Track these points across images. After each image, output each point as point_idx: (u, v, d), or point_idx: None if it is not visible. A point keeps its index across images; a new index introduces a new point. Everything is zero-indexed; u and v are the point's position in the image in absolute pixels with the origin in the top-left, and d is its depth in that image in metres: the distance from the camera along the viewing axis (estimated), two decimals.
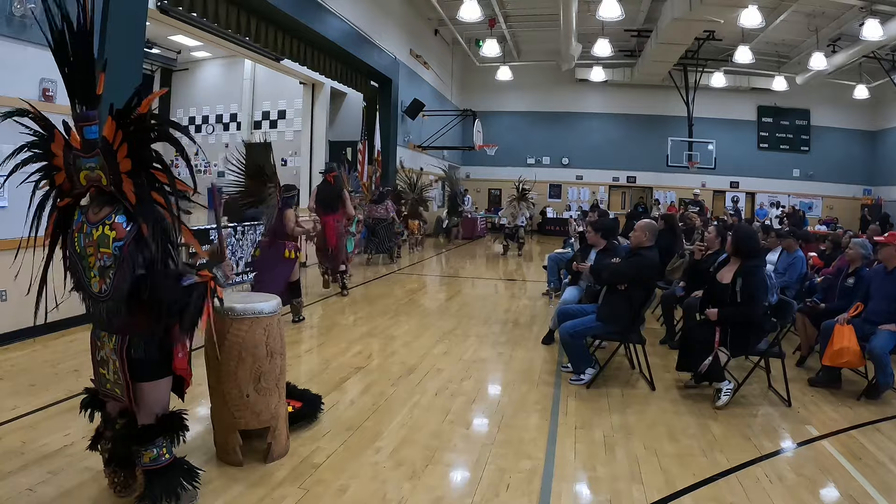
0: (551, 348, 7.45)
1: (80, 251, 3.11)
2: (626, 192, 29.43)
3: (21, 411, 4.86)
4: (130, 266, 3.00)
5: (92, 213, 3.10)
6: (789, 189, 27.71)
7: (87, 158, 3.05)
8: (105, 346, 3.22)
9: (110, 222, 3.02)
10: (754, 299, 5.46)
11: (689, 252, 8.95)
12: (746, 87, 26.62)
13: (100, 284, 3.07)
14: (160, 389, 3.31)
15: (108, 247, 3.00)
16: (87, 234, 3.08)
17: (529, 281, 13.40)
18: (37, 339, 6.74)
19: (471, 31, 24.20)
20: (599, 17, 17.98)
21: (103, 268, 3.04)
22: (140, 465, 3.26)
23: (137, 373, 3.19)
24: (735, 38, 21.60)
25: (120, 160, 2.99)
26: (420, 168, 21.33)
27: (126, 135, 2.97)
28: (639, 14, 21.66)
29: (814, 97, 26.58)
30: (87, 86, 3.04)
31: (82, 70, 3.03)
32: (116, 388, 3.25)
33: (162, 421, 3.31)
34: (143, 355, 3.17)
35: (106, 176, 3.03)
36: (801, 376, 6.59)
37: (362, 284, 12.11)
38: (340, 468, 4.11)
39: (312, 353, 7.13)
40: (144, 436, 3.24)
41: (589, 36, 22.34)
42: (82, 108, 3.04)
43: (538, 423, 5.08)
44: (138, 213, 3.02)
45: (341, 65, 16.14)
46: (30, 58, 6.87)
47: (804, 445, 4.82)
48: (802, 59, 22.89)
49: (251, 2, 11.42)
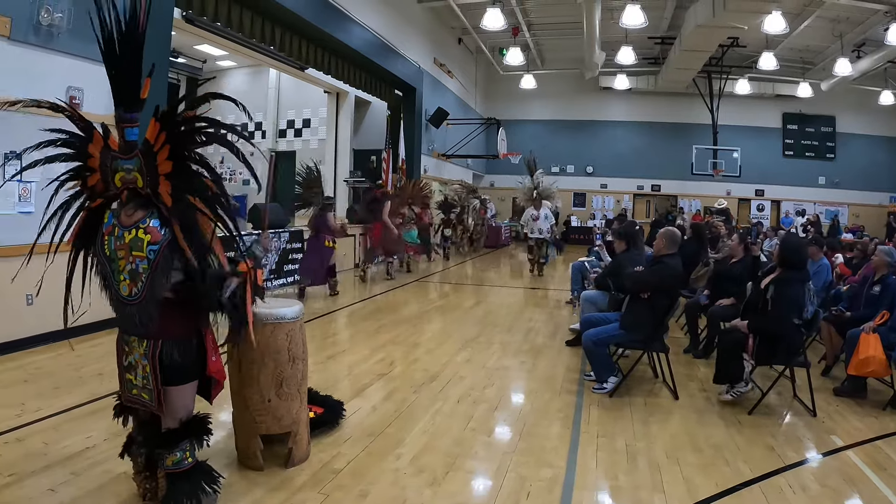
0: (575, 355, 7.42)
1: (111, 254, 3.08)
2: (650, 201, 29.30)
3: (44, 413, 4.92)
4: (166, 270, 3.01)
5: (125, 216, 3.08)
6: (815, 197, 27.41)
7: (126, 160, 3.05)
8: (134, 351, 3.19)
9: (144, 226, 3.02)
10: (777, 309, 5.41)
11: (714, 260, 8.92)
12: (771, 94, 26.40)
13: (130, 288, 3.04)
14: (186, 394, 3.32)
15: (142, 250, 3.00)
16: (118, 238, 3.06)
17: (553, 289, 13.35)
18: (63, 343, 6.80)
19: (494, 40, 24.23)
20: (623, 24, 17.96)
21: (134, 271, 3.01)
22: (162, 468, 3.26)
23: (168, 377, 3.18)
24: (759, 45, 21.44)
25: (160, 162, 3.01)
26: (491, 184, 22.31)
27: (169, 137, 2.99)
28: (662, 21, 21.57)
29: (839, 103, 26.30)
30: (134, 89, 3.05)
31: (130, 73, 3.04)
32: (144, 393, 3.21)
33: (186, 425, 3.31)
34: (175, 360, 3.16)
35: (143, 178, 3.04)
36: (827, 386, 6.51)
37: (388, 292, 12.14)
38: (361, 474, 4.11)
39: (335, 359, 7.14)
40: (169, 440, 3.24)
41: (612, 44, 22.29)
42: (125, 110, 3.05)
43: (560, 431, 5.05)
44: (172, 215, 3.02)
45: (365, 74, 16.20)
46: (57, 66, 6.99)
47: (829, 456, 4.76)
48: (827, 65, 22.70)
49: (276, 11, 11.50)
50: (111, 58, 3.03)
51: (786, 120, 27.67)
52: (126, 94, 3.05)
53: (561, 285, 13.74)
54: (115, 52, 3.01)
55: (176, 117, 3.01)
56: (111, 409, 3.59)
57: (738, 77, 24.94)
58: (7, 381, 5.78)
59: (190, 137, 3.05)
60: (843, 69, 20.87)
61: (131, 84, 3.05)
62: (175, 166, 3.02)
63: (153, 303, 3.01)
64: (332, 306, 10.24)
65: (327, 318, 9.25)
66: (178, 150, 3.02)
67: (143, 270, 3.00)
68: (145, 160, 3.02)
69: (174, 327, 3.15)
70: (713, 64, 23.87)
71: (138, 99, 3.07)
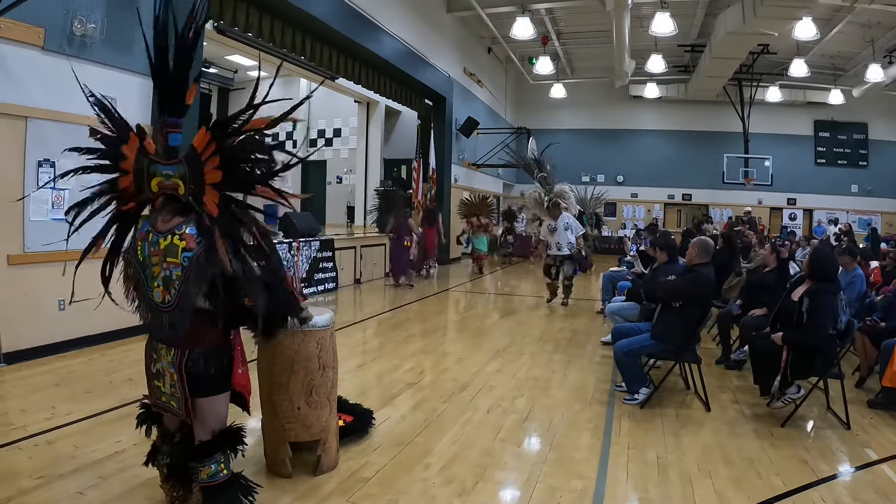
0: (605, 365, 7.38)
1: (144, 260, 3.05)
2: (681, 210, 29.06)
3: (75, 417, 5.00)
4: (199, 279, 2.96)
5: (161, 222, 3.04)
6: (847, 205, 26.95)
7: (166, 165, 3.01)
8: (162, 359, 3.15)
9: (181, 232, 2.97)
10: (816, 322, 5.32)
11: (746, 270, 8.83)
12: (802, 101, 26.05)
13: (163, 295, 3.00)
14: (218, 405, 3.26)
15: (177, 257, 2.96)
16: (152, 243, 3.02)
17: (584, 299, 13.28)
18: (94, 348, 6.89)
19: (524, 49, 24.27)
20: (652, 32, 17.84)
21: (168, 278, 2.98)
22: (198, 481, 3.21)
23: (195, 388, 3.13)
24: (790, 52, 21.26)
25: (207, 171, 2.96)
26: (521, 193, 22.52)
27: (220, 147, 2.95)
28: (692, 29, 21.45)
29: (871, 110, 25.92)
30: (181, 95, 3.06)
31: (179, 79, 3.05)
32: (172, 401, 3.17)
33: (219, 436, 3.25)
34: (202, 370, 3.11)
35: (185, 185, 2.99)
36: (861, 398, 6.38)
37: (417, 301, 12.16)
38: (389, 483, 4.11)
39: (364, 368, 7.16)
40: (202, 452, 3.19)
41: (642, 52, 22.17)
42: (170, 115, 3.05)
43: (590, 442, 5.02)
44: (215, 224, 2.97)
45: (396, 83, 16.31)
46: (90, 76, 7.05)
47: (863, 469, 4.66)
48: (859, 72, 22.39)
49: (306, 21, 11.61)
50: (161, 68, 3.05)
51: (817, 127, 27.27)
52: (172, 101, 3.06)
53: (592, 295, 13.69)
54: (166, 62, 3.03)
55: (229, 128, 2.98)
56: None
57: (769, 84, 24.68)
58: (39, 384, 5.87)
59: (244, 149, 3.01)
60: (874, 75, 20.64)
61: (179, 91, 3.05)
62: (225, 176, 2.98)
63: (186, 311, 2.97)
64: (361, 315, 10.27)
65: (357, 326, 9.28)
66: (229, 161, 2.98)
67: (176, 278, 2.97)
68: (190, 167, 2.98)
69: (203, 337, 3.12)
70: (743, 71, 23.64)
71: (184, 105, 3.08)
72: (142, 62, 7.59)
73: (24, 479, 3.90)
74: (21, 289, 6.51)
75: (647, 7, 18.13)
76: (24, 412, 5.09)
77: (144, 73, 7.64)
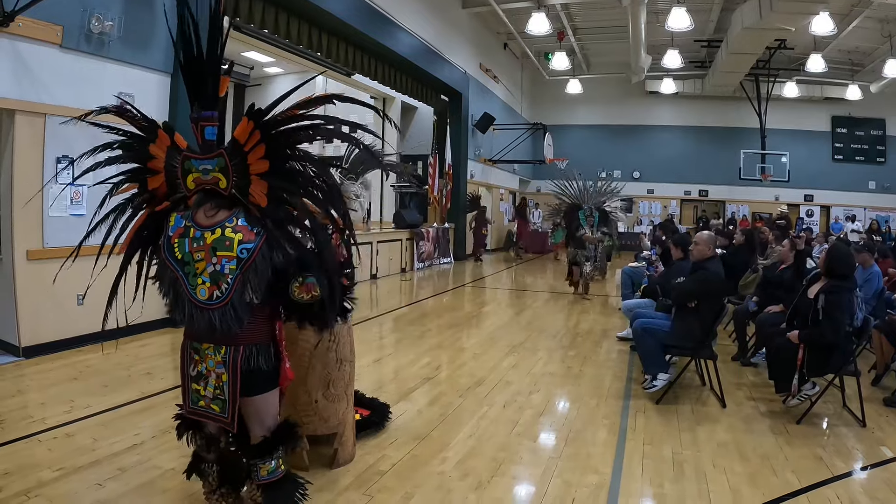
0: (622, 361, 7.41)
1: (183, 257, 2.88)
2: (697, 206, 28.92)
3: (94, 410, 5.07)
4: (261, 269, 2.87)
5: (204, 217, 2.91)
6: (865, 202, 26.70)
7: (203, 160, 2.93)
8: (207, 359, 2.98)
9: (231, 225, 2.87)
10: (832, 319, 5.30)
11: (763, 267, 8.79)
12: (819, 96, 25.86)
13: (210, 291, 2.84)
14: (271, 401, 3.17)
15: (232, 250, 2.84)
16: (194, 239, 2.87)
17: (600, 295, 13.26)
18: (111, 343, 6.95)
19: (540, 45, 24.21)
20: (668, 27, 17.81)
21: (218, 273, 2.84)
22: (257, 479, 3.10)
23: (250, 386, 3.01)
24: (807, 47, 21.09)
25: (252, 162, 2.89)
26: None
27: (264, 136, 2.87)
28: (708, 24, 21.31)
29: (889, 106, 25.65)
30: (214, 87, 2.98)
31: (211, 71, 2.96)
32: (214, 404, 3.00)
33: (276, 432, 3.20)
34: (259, 366, 3.00)
35: (228, 178, 2.91)
36: (877, 395, 6.33)
37: (434, 296, 12.20)
38: (406, 477, 4.14)
39: (381, 362, 7.21)
40: (262, 449, 3.11)
41: (658, 47, 22.13)
42: (204, 108, 2.97)
43: (606, 437, 5.03)
44: (266, 215, 2.91)
45: (412, 79, 16.35)
46: (108, 73, 7.18)
47: (878, 467, 4.64)
48: (876, 67, 22.20)
49: (322, 18, 11.64)
50: (192, 61, 2.97)
51: (835, 123, 27.06)
52: (205, 93, 2.97)
53: (609, 291, 13.68)
54: (194, 50, 2.95)
55: (273, 115, 2.90)
56: (160, 408, 3.64)
57: (786, 80, 24.54)
58: (57, 378, 5.96)
59: (292, 134, 2.93)
60: (892, 70, 20.40)
61: (212, 82, 2.97)
62: (273, 165, 2.90)
63: (241, 305, 2.87)
64: (378, 311, 10.31)
65: (375, 321, 9.32)
66: (276, 149, 2.91)
67: (229, 271, 2.84)
68: (231, 160, 2.90)
69: (257, 332, 3.03)
70: (760, 67, 23.47)
71: (217, 97, 2.99)
72: (160, 59, 7.75)
73: (43, 470, 3.97)
74: (40, 284, 6.56)
75: (663, 2, 18.10)
76: (44, 405, 5.17)
77: (162, 70, 7.73)
